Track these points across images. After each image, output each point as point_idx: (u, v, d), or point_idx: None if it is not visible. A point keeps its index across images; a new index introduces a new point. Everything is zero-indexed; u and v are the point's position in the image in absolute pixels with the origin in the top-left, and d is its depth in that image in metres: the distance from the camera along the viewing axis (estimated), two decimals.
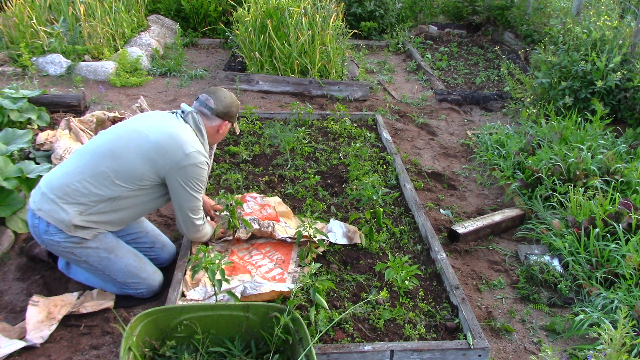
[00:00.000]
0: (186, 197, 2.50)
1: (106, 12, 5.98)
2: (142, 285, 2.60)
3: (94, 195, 2.37)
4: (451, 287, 2.63)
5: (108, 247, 2.50)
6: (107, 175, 2.38)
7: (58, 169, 2.47)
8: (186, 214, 2.56)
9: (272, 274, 2.72)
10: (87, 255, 2.46)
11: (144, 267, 2.61)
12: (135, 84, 5.32)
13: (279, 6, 5.50)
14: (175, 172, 2.43)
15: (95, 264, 2.49)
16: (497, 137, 4.36)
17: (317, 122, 4.59)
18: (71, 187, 2.36)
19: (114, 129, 2.57)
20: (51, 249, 2.46)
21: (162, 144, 2.42)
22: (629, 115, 4.47)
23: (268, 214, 3.09)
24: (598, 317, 2.60)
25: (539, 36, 6.42)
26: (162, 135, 2.44)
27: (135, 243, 2.73)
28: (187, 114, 2.60)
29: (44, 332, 2.37)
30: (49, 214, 2.35)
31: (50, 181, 2.41)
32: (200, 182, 2.52)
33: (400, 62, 6.80)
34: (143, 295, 2.63)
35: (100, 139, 2.52)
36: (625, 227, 3.04)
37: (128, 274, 2.55)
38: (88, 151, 2.47)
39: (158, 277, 2.67)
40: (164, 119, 2.55)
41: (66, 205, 2.35)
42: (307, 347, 1.91)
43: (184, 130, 2.50)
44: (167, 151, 2.41)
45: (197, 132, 2.58)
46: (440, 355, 2.27)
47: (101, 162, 2.39)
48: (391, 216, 3.34)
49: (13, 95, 4.18)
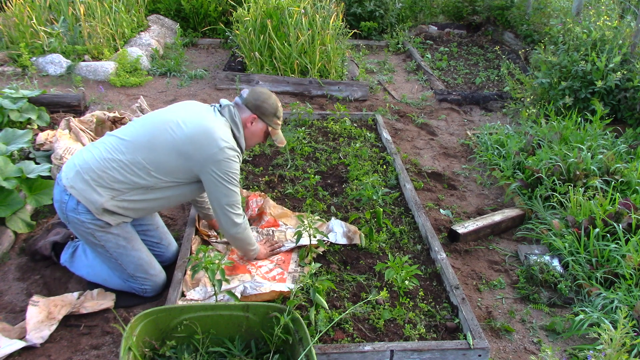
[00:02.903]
0: (222, 190, 2.47)
1: (106, 12, 5.98)
2: (148, 282, 2.61)
3: (129, 182, 2.40)
4: (451, 287, 2.63)
5: (127, 236, 2.53)
6: (143, 166, 2.40)
7: (95, 151, 2.44)
8: (224, 210, 2.52)
9: (272, 274, 2.72)
10: (106, 240, 2.48)
11: (154, 265, 2.64)
12: (135, 84, 5.32)
13: (279, 6, 5.50)
14: (209, 166, 2.42)
15: (111, 250, 2.51)
16: (497, 137, 4.36)
17: (317, 122, 4.59)
18: (108, 172, 2.38)
19: (151, 117, 2.56)
20: (73, 227, 2.48)
21: (197, 138, 2.41)
22: (629, 115, 4.47)
23: (266, 221, 3.09)
24: (598, 317, 2.60)
25: (539, 36, 6.42)
26: (197, 129, 2.43)
27: (144, 235, 2.75)
28: (223, 107, 2.58)
29: (44, 332, 2.37)
30: (81, 193, 2.37)
31: (86, 162, 2.41)
32: (234, 175, 2.48)
33: (400, 62, 6.80)
34: (146, 292, 2.64)
35: (139, 127, 2.50)
36: (625, 227, 3.04)
37: (138, 267, 2.57)
38: (126, 139, 2.45)
39: (163, 276, 2.69)
40: (201, 111, 2.54)
41: (100, 189, 2.37)
42: (307, 347, 1.91)
43: (218, 123, 2.49)
44: (201, 144, 2.41)
45: (233, 124, 2.55)
46: (440, 355, 2.27)
47: (138, 153, 2.40)
48: (391, 216, 3.34)
49: (13, 95, 4.18)
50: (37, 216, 3.23)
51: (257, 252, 2.79)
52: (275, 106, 2.64)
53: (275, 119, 2.65)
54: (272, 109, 2.62)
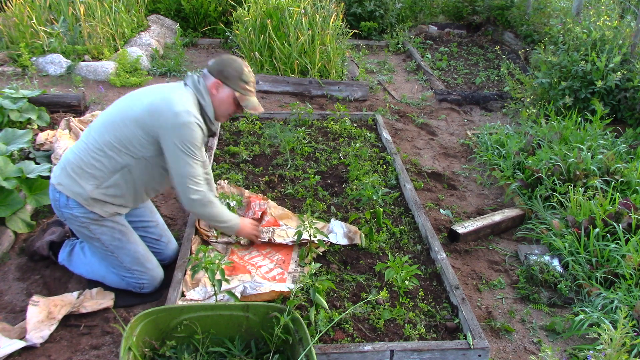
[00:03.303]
0: (180, 160, 2.39)
1: (106, 12, 5.98)
2: (146, 276, 2.61)
3: (106, 166, 2.43)
4: (451, 287, 2.63)
5: (122, 229, 2.55)
6: (113, 146, 2.42)
7: (75, 146, 2.53)
8: (182, 181, 2.43)
9: (272, 274, 2.72)
10: (101, 232, 2.50)
11: (150, 258, 2.65)
12: (135, 84, 5.32)
13: (279, 6, 5.50)
14: (167, 133, 2.38)
15: (107, 243, 2.53)
16: (497, 137, 4.36)
17: (317, 122, 4.59)
18: (84, 161, 2.43)
19: (117, 101, 2.60)
20: (69, 223, 2.54)
21: (154, 105, 2.40)
22: (629, 115, 4.47)
23: (267, 221, 3.09)
24: (598, 317, 2.60)
25: (539, 36, 6.41)
26: (155, 98, 2.44)
27: (144, 232, 2.76)
28: (187, 77, 2.55)
29: (44, 332, 2.37)
30: (68, 188, 2.44)
31: (67, 157, 2.51)
32: (192, 146, 2.39)
33: (400, 62, 6.80)
34: (144, 287, 2.64)
35: (106, 112, 2.55)
36: (625, 227, 3.04)
37: (135, 260, 2.58)
38: (95, 126, 2.51)
39: (161, 272, 2.70)
40: (163, 86, 2.55)
41: (83, 180, 2.43)
42: (307, 347, 1.91)
43: (179, 92, 2.45)
44: (157, 111, 2.39)
45: (197, 92, 2.49)
46: (440, 355, 2.27)
47: (106, 135, 2.43)
48: (391, 216, 3.34)
49: (13, 95, 4.18)
50: (37, 216, 3.23)
51: (237, 227, 2.70)
52: (240, 69, 2.52)
53: (241, 83, 2.53)
54: (236, 72, 2.51)
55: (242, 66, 2.56)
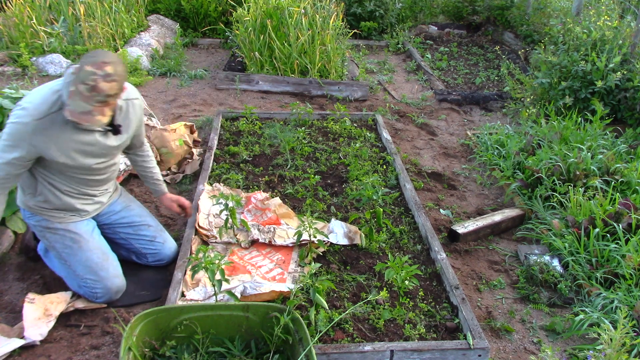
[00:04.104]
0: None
1: (106, 12, 5.98)
2: (99, 285, 2.52)
3: (27, 178, 2.47)
4: (451, 287, 2.63)
5: (75, 237, 2.52)
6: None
7: None
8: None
9: (272, 274, 2.72)
10: (55, 240, 2.53)
11: (106, 267, 2.54)
12: (135, 84, 5.31)
13: (279, 6, 5.50)
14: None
15: (60, 250, 2.54)
16: (497, 137, 4.36)
17: (317, 122, 4.59)
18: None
19: None
20: (33, 230, 2.62)
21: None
22: (629, 115, 4.47)
23: (269, 218, 3.09)
24: (598, 317, 2.60)
25: (539, 36, 6.41)
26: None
27: (136, 235, 2.76)
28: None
29: (42, 329, 2.37)
30: (19, 198, 2.57)
31: None
32: (7, 134, 2.24)
33: (400, 62, 6.80)
34: (98, 297, 2.55)
35: None
36: (625, 227, 3.04)
37: (87, 269, 2.51)
38: None
39: (118, 282, 2.58)
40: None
41: (20, 191, 2.55)
42: (307, 347, 1.91)
43: (42, 87, 2.32)
44: None
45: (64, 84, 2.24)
46: (440, 355, 2.27)
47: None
48: (391, 216, 3.34)
49: (13, 95, 4.16)
50: None
51: None
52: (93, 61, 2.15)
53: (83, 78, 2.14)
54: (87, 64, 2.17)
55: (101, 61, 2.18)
